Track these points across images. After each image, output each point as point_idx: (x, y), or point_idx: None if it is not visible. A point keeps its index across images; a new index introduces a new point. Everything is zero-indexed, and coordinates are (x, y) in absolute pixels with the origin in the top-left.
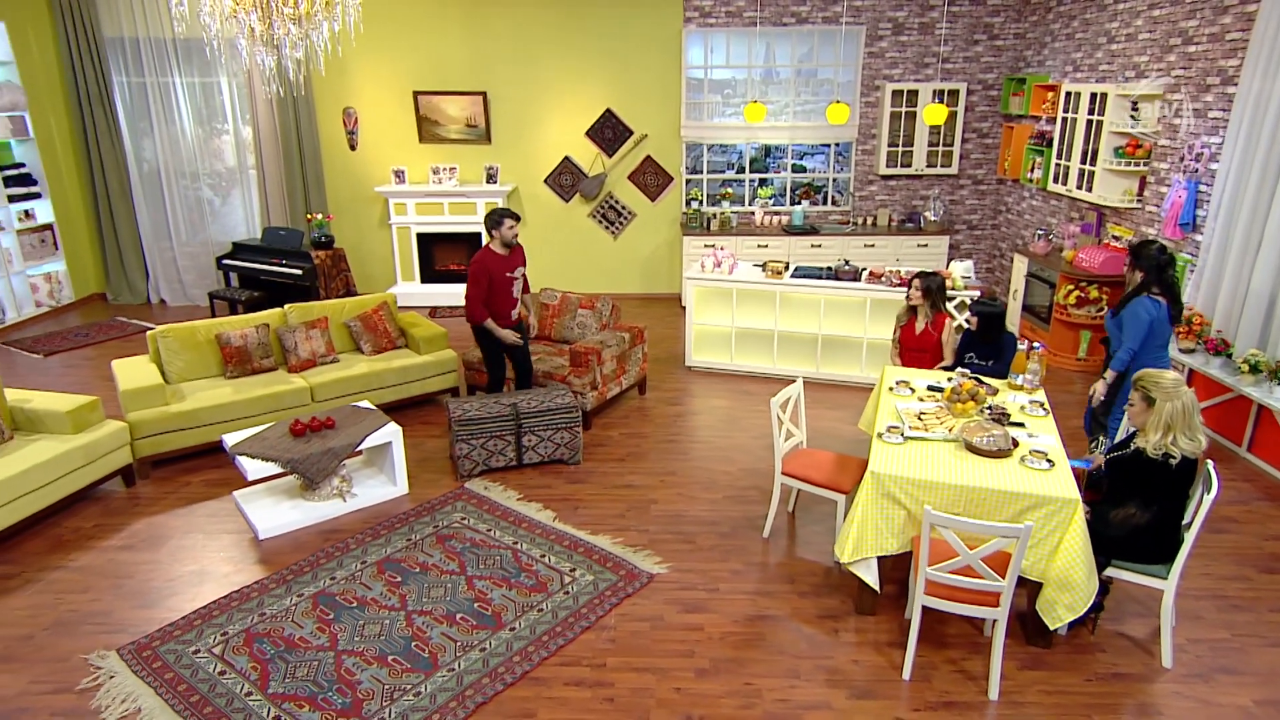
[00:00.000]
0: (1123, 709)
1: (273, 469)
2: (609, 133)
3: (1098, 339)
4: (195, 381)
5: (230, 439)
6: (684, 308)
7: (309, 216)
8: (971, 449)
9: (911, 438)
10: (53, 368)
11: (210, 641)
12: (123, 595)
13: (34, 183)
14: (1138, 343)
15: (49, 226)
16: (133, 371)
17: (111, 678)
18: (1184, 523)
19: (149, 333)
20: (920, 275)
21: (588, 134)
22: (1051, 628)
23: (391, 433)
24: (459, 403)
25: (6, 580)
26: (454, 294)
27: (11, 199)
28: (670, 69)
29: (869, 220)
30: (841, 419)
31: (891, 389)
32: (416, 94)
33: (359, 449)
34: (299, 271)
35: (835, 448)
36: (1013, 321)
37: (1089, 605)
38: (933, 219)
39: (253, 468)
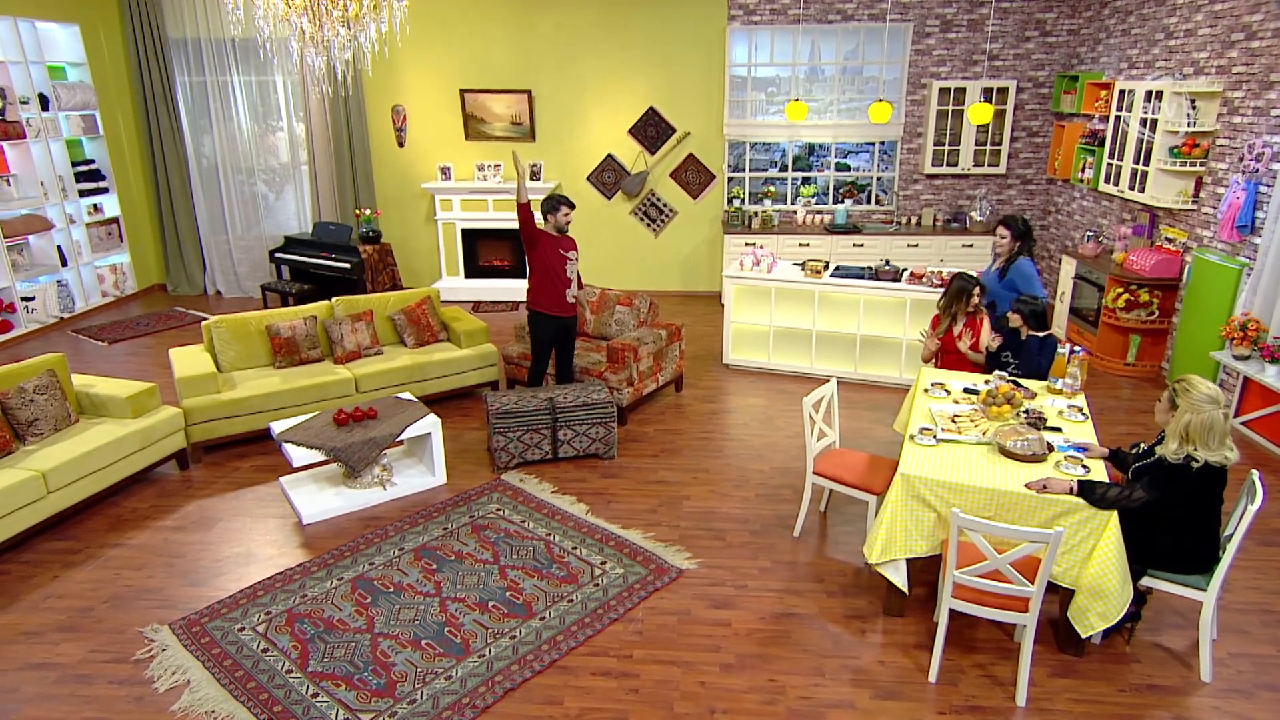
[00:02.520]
0: None
1: (317, 456)
2: (651, 131)
3: (1146, 342)
4: (246, 371)
5: (277, 427)
6: (724, 306)
7: (357, 211)
8: (1005, 453)
9: (944, 440)
10: (116, 355)
11: (255, 620)
12: (175, 573)
13: (102, 178)
14: (1042, 290)
15: (115, 220)
16: (188, 360)
17: (164, 650)
18: (1226, 535)
19: (204, 323)
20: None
21: (630, 132)
22: (1083, 635)
23: (431, 424)
24: (497, 396)
25: (70, 555)
26: (497, 289)
27: (82, 193)
28: (714, 67)
29: (913, 220)
30: (878, 420)
31: (927, 390)
32: (463, 92)
33: (399, 439)
34: (347, 265)
35: (871, 449)
36: (1059, 325)
37: (1122, 614)
38: (979, 219)
39: (298, 455)
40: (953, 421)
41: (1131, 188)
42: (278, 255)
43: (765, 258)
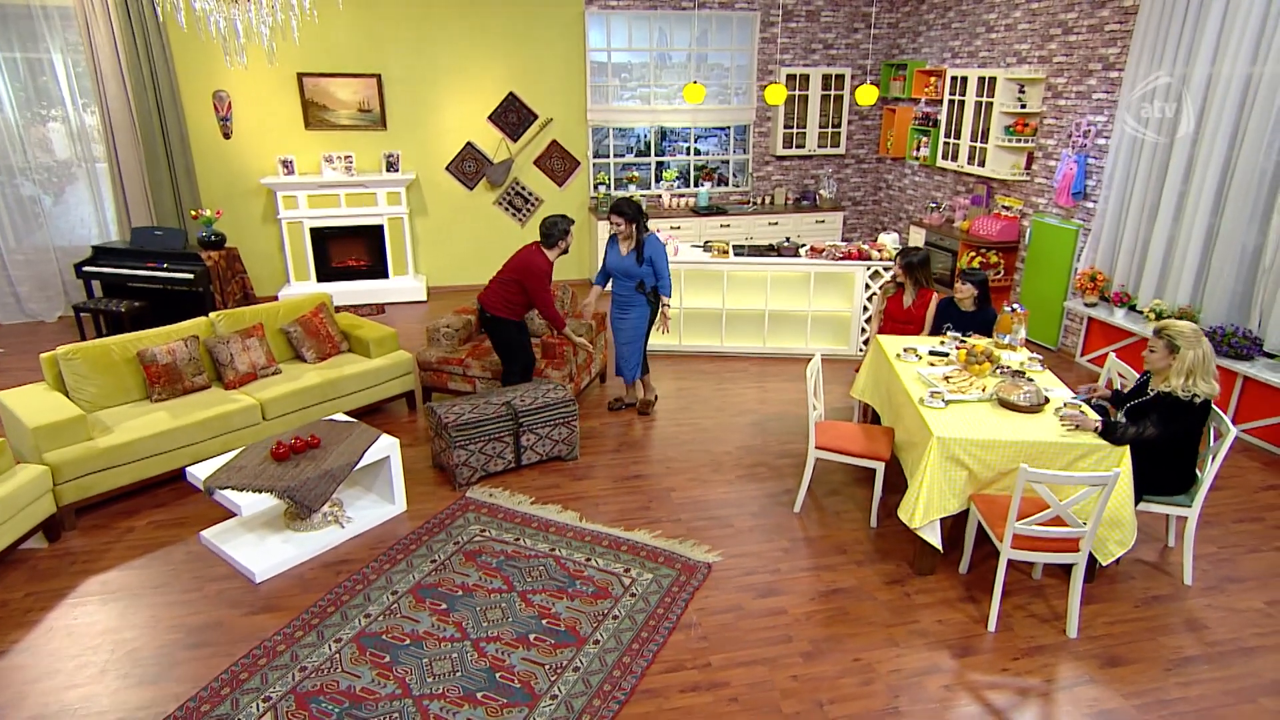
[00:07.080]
0: (1178, 628)
1: (266, 500)
2: (513, 117)
3: (992, 297)
4: (116, 409)
5: (199, 472)
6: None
7: (194, 213)
8: (1009, 406)
9: (953, 401)
10: None
11: (254, 711)
12: (110, 674)
13: None
14: (668, 268)
15: None
16: (34, 403)
17: None
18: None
19: (45, 355)
20: (901, 253)
21: (491, 118)
22: (1104, 563)
23: (388, 446)
24: (448, 406)
25: None
26: (355, 292)
27: None
28: (573, 51)
29: (767, 199)
30: (804, 390)
31: (899, 356)
32: (301, 76)
33: (357, 467)
34: (190, 275)
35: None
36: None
37: (1134, 540)
38: (828, 196)
39: (243, 502)
40: (947, 382)
41: (970, 162)
42: (86, 269)
43: (669, 241)
